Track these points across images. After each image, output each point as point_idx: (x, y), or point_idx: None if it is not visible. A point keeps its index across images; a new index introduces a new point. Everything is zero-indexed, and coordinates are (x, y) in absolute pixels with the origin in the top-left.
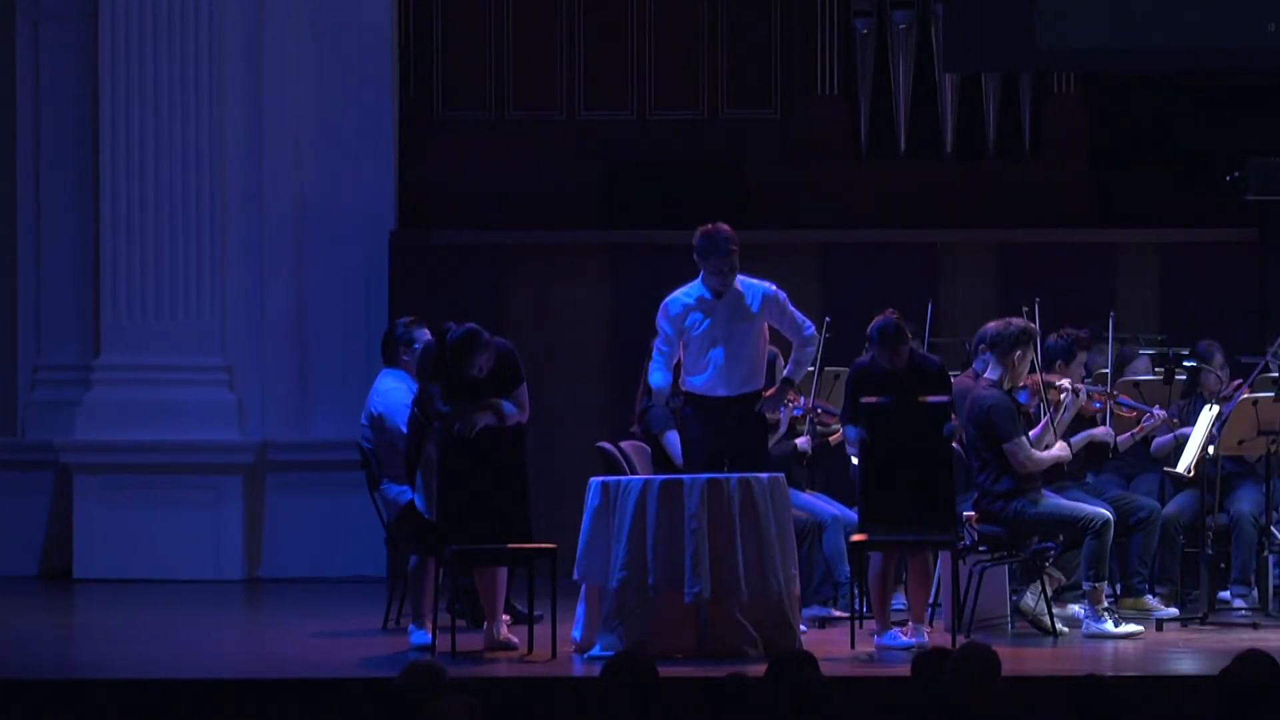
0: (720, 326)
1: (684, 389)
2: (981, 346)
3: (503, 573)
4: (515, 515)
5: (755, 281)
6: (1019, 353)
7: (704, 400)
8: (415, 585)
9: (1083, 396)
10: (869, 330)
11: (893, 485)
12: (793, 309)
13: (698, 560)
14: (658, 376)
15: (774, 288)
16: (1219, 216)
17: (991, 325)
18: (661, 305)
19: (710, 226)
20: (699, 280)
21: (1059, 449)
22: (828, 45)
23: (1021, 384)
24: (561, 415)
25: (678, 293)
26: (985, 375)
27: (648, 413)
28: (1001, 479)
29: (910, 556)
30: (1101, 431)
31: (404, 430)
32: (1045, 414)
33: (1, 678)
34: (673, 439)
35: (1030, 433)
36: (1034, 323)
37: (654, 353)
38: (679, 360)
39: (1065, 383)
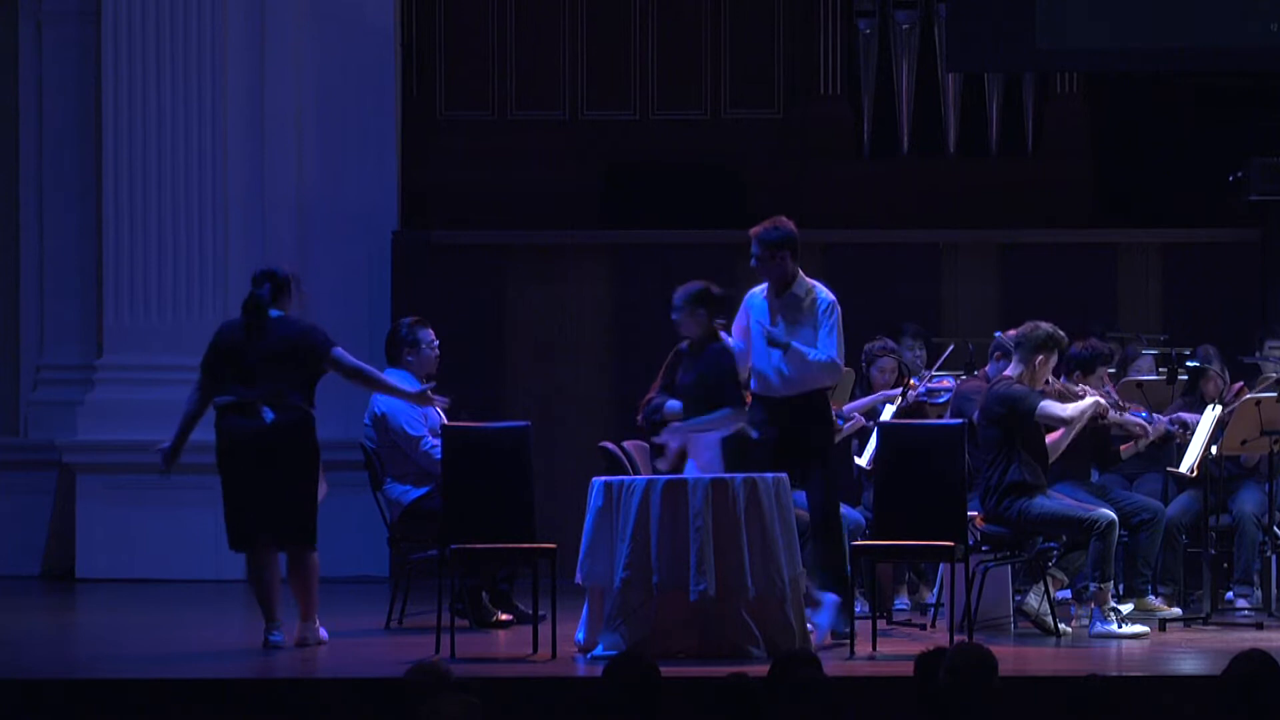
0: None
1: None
2: (998, 354)
3: (314, 568)
4: (517, 514)
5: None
6: (1042, 356)
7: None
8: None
9: (1107, 408)
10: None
11: (900, 494)
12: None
13: (702, 558)
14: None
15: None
16: (1220, 216)
17: (1015, 330)
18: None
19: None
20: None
21: (1088, 400)
22: (830, 45)
23: (1040, 389)
24: (562, 415)
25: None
26: (1005, 372)
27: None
28: (1010, 471)
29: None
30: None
31: (406, 430)
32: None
33: (1, 678)
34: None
35: (1048, 438)
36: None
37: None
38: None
39: (1089, 393)
